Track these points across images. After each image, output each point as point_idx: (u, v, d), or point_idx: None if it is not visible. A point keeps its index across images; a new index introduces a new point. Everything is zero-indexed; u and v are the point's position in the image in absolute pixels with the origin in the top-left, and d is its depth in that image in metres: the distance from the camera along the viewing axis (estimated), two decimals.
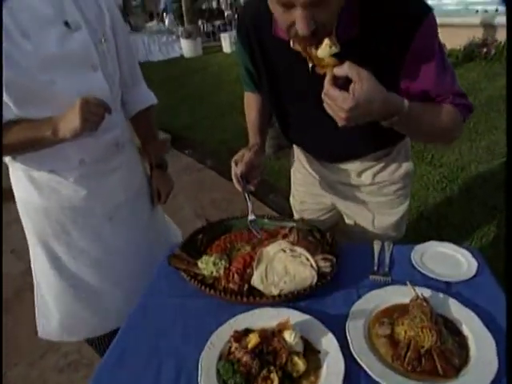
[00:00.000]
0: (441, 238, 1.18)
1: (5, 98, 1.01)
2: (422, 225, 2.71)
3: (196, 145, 4.62)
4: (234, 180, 1.09)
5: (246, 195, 1.10)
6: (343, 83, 0.80)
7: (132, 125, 1.35)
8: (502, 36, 5.96)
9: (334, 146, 1.17)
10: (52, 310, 1.34)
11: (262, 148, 1.22)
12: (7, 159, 1.18)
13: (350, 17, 0.89)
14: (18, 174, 1.20)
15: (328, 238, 1.07)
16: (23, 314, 2.19)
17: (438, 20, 0.93)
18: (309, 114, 1.10)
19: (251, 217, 1.12)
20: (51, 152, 1.11)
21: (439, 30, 0.95)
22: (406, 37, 0.90)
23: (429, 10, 0.91)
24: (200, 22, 13.38)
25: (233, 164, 1.10)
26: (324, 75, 0.83)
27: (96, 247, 1.28)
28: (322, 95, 0.82)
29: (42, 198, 1.19)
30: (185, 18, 11.20)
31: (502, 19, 6.05)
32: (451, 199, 2.95)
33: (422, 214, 2.81)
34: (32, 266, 1.34)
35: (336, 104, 0.80)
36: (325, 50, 0.85)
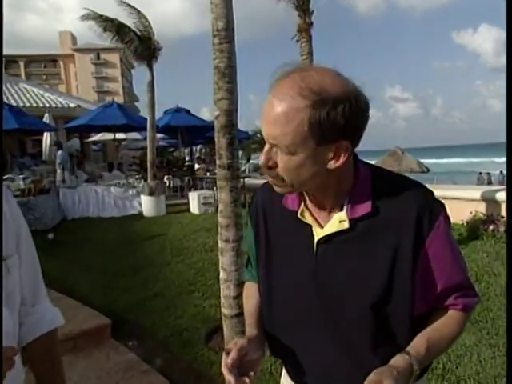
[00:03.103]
0: None
1: None
2: None
3: (143, 334, 4.39)
4: (224, 371, 1.10)
5: None
6: None
7: (27, 355, 1.20)
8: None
9: (324, 360, 1.18)
10: None
11: (260, 340, 1.25)
12: None
13: (362, 193, 1.10)
14: None
15: None
16: None
17: (436, 192, 1.14)
18: (302, 305, 1.18)
19: None
20: None
21: None
22: (422, 230, 1.07)
23: (442, 205, 1.12)
24: (166, 178, 14.37)
25: (224, 355, 1.12)
26: (328, 253, 1.12)
27: None
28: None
29: None
30: (148, 173, 11.91)
31: (502, 195, 6.72)
32: None
33: None
34: None
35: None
36: (333, 225, 1.10)
